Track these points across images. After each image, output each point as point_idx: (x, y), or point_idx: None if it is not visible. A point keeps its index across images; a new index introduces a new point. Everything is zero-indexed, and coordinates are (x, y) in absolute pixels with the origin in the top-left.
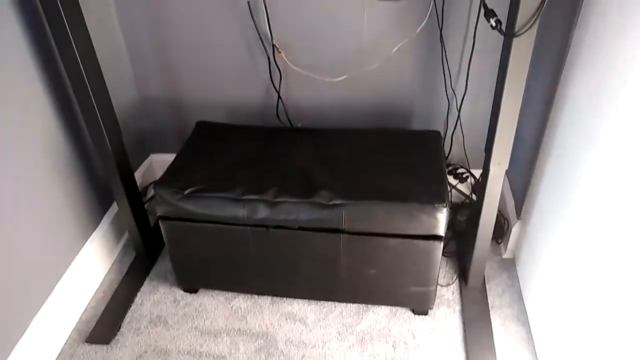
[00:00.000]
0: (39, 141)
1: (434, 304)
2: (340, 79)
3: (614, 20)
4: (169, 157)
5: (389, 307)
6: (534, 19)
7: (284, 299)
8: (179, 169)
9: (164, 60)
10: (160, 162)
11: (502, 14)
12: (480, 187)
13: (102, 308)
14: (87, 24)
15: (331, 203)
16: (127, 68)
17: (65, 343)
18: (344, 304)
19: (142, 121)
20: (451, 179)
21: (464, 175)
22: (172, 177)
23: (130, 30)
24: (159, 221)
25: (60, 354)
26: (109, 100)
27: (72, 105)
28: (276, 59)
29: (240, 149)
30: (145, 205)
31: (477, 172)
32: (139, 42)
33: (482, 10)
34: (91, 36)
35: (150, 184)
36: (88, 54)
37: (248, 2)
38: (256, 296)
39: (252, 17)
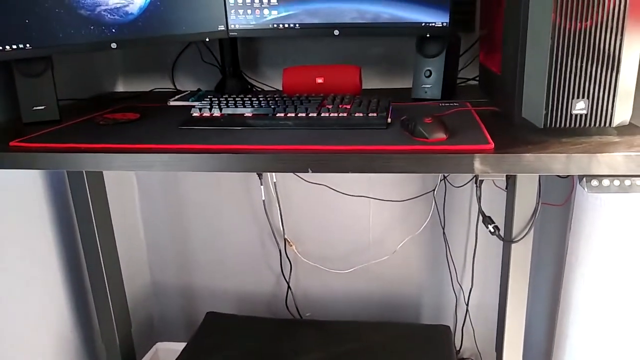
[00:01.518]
0: (51, 330)
1: None
2: (348, 271)
3: (603, 226)
4: (175, 347)
5: None
6: (529, 227)
7: None
8: None
9: (179, 249)
10: (166, 351)
11: (501, 217)
12: None
13: None
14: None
15: None
16: (143, 254)
17: None
18: None
19: (152, 307)
20: None
21: None
22: None
23: (150, 219)
24: None
25: None
26: (123, 291)
27: (86, 294)
28: (287, 251)
29: (247, 344)
30: None
31: None
32: (156, 231)
33: (481, 217)
34: (114, 224)
35: None
36: (109, 246)
37: (263, 200)
38: None
39: (266, 213)
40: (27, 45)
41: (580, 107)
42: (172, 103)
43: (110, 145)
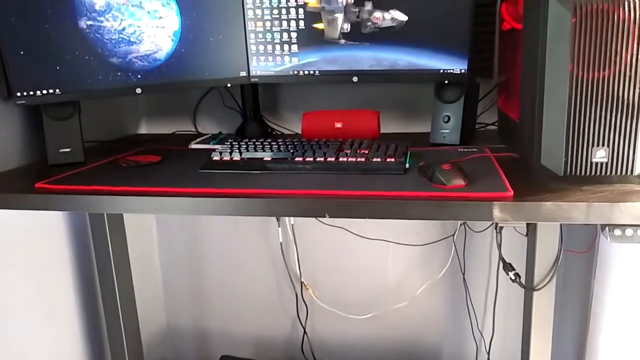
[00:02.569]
0: None
1: None
2: (366, 316)
3: (629, 274)
4: None
5: None
6: (551, 275)
7: None
8: None
9: (195, 292)
10: None
11: (523, 263)
12: None
13: None
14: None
15: None
16: (159, 297)
17: None
18: None
19: (167, 349)
20: None
21: None
22: None
23: (167, 262)
24: None
25: None
26: (139, 336)
27: (102, 334)
28: (303, 295)
29: None
30: None
31: None
32: (174, 273)
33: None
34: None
35: None
36: (126, 288)
37: (280, 242)
38: None
39: (283, 256)
40: (57, 90)
41: (600, 155)
42: (193, 146)
43: (130, 189)
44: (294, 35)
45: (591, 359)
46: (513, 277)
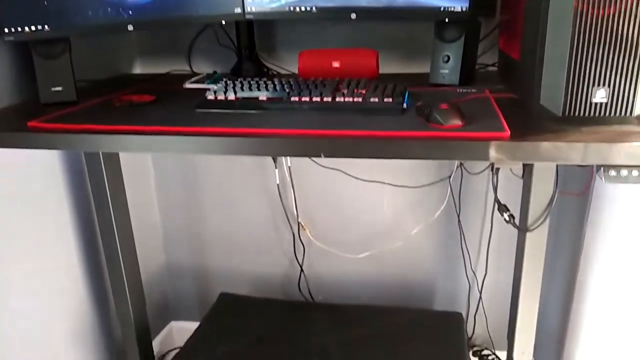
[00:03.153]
0: (64, 305)
1: None
2: (361, 255)
3: (622, 216)
4: (189, 326)
5: None
6: (544, 216)
7: None
8: (196, 346)
9: (193, 231)
10: (180, 329)
11: (518, 205)
12: None
13: None
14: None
15: None
16: (158, 236)
17: None
18: None
19: (166, 287)
20: None
21: (490, 358)
22: (188, 354)
23: (165, 201)
24: None
25: None
26: (138, 272)
27: (102, 272)
28: (300, 235)
29: (259, 326)
30: None
31: (503, 354)
32: (172, 213)
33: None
34: (129, 203)
35: (167, 352)
36: (124, 226)
37: (277, 184)
38: None
39: (280, 197)
40: (46, 26)
41: (600, 95)
42: (187, 85)
43: (125, 127)
44: None
45: (580, 299)
46: (507, 218)
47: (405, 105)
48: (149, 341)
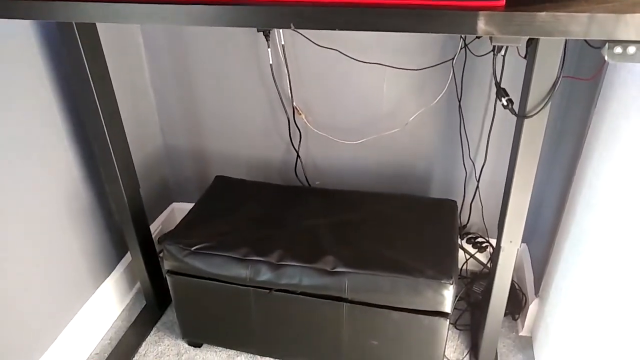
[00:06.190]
0: (58, 185)
1: None
2: (358, 141)
3: (631, 104)
4: (190, 207)
5: None
6: (545, 102)
7: None
8: (190, 224)
9: (189, 113)
10: (181, 210)
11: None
12: (492, 263)
13: (106, 355)
14: (118, 77)
15: (335, 270)
16: (155, 120)
17: None
18: None
19: (166, 169)
20: (470, 248)
21: (483, 245)
22: (182, 232)
23: (159, 83)
24: (167, 275)
25: None
26: (128, 152)
27: (94, 154)
28: (296, 120)
29: (254, 207)
30: (161, 255)
31: None
32: (166, 94)
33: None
34: (122, 88)
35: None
36: (109, 104)
37: (271, 64)
38: (259, 357)
39: (274, 78)
40: None
41: None
42: None
43: None
44: None
45: (577, 186)
46: (505, 103)
47: None
48: (145, 221)
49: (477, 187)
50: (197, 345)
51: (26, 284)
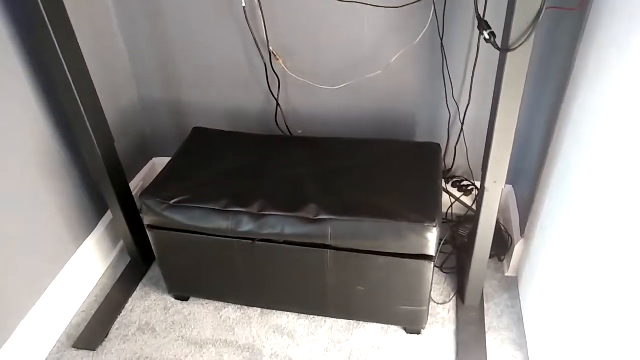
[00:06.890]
0: (30, 144)
1: (426, 324)
2: (339, 87)
3: (619, 35)
4: None
5: (381, 324)
6: (529, 33)
7: (274, 311)
8: (168, 177)
9: (163, 64)
10: (162, 165)
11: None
12: (477, 205)
13: (93, 313)
14: (86, 29)
15: (317, 218)
16: (127, 70)
17: (54, 347)
18: (335, 319)
19: (144, 125)
20: (455, 192)
21: (469, 188)
22: (159, 186)
23: (129, 33)
24: (147, 230)
25: (47, 358)
26: (98, 102)
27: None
28: (274, 66)
29: (233, 158)
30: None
31: None
32: (138, 45)
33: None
34: (91, 39)
35: None
36: (75, 58)
37: (244, 7)
38: (246, 307)
39: (247, 22)
40: None
41: None
42: None
43: None
44: None
45: (563, 123)
46: (487, 37)
47: None
48: (123, 177)
49: (462, 128)
50: (183, 299)
51: (4, 244)
